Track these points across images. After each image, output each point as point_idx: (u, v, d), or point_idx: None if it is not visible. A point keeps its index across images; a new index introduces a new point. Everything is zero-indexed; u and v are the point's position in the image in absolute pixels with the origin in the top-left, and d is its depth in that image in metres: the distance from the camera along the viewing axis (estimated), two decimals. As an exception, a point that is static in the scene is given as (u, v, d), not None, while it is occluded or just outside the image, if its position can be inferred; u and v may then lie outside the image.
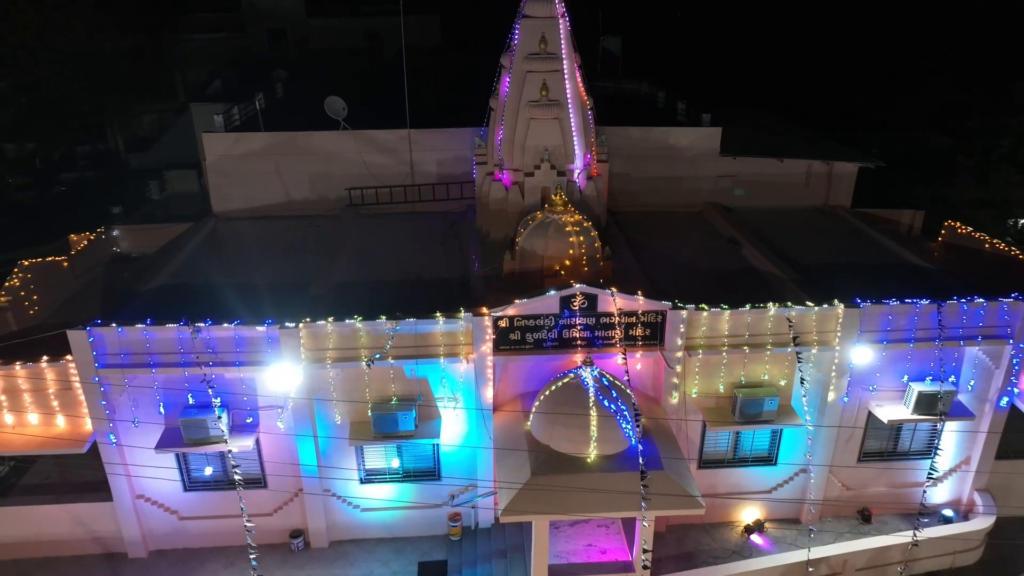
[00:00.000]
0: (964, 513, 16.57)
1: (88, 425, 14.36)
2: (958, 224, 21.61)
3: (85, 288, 18.99)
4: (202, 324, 13.65)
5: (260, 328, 13.75)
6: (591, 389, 13.26)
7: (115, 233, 21.91)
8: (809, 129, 26.82)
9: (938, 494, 16.62)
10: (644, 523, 13.03)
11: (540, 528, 13.11)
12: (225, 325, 13.71)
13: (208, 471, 15.22)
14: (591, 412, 13.00)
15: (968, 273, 17.66)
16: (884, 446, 16.22)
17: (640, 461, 12.73)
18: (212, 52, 40.25)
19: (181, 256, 18.09)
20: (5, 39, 27.70)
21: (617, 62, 30.64)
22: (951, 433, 16.12)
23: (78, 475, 15.98)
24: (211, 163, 20.91)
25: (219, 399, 13.91)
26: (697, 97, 23.97)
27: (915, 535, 15.05)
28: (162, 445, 14.30)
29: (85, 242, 20.48)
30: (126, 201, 29.11)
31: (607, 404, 13.14)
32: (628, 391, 13.64)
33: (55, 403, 14.36)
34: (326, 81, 27.53)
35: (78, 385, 14.06)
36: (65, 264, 19.02)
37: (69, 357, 13.80)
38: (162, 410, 14.44)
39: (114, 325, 13.61)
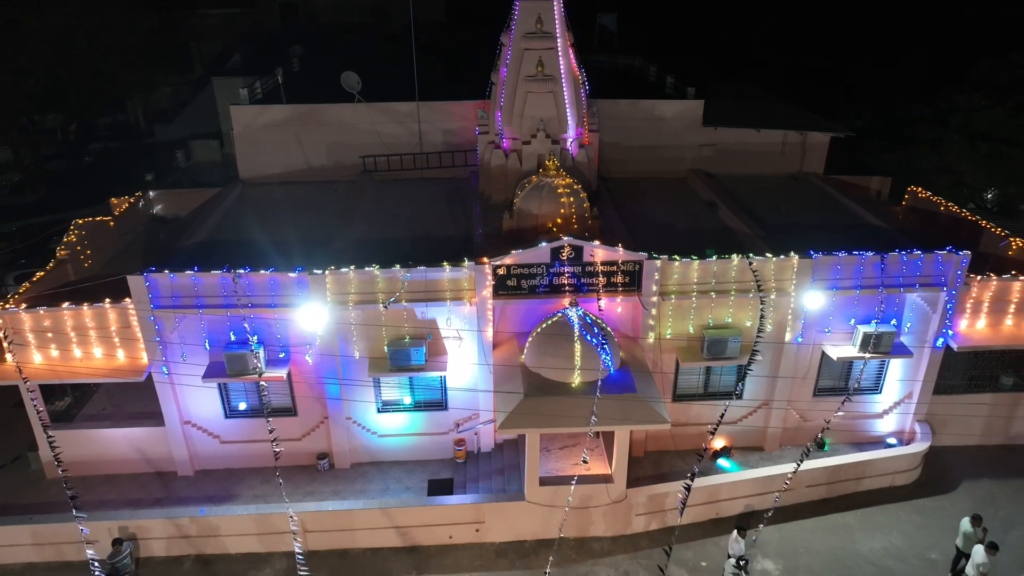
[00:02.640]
0: (907, 441, 18.77)
1: (144, 359, 16.62)
2: (919, 189, 23.58)
3: (129, 245, 21.22)
4: (242, 271, 15.86)
5: (292, 274, 15.91)
6: (576, 326, 15.45)
7: (151, 197, 24.04)
8: (792, 99, 28.46)
9: (884, 425, 18.85)
10: (591, 434, 14.71)
11: (532, 440, 15.41)
12: (261, 272, 15.89)
13: (242, 406, 17.47)
14: (575, 344, 15.21)
15: (923, 233, 19.66)
16: (836, 383, 18.41)
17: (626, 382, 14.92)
18: (225, 27, 41.88)
19: (215, 217, 20.21)
20: (46, 17, 29.55)
21: (613, 38, 32.25)
22: (895, 371, 18.27)
23: (129, 406, 18.35)
24: (238, 133, 22.91)
25: (256, 336, 16.18)
26: (689, 71, 25.60)
27: (799, 463, 16.28)
28: (208, 376, 16.52)
29: (126, 205, 22.67)
30: (154, 169, 31.21)
31: (589, 338, 15.35)
32: (608, 328, 15.81)
33: (116, 340, 16.63)
34: (338, 55, 29.32)
35: (135, 323, 16.34)
36: (111, 224, 21.21)
37: (128, 299, 16.03)
38: (207, 346, 16.65)
39: (166, 271, 15.81)
